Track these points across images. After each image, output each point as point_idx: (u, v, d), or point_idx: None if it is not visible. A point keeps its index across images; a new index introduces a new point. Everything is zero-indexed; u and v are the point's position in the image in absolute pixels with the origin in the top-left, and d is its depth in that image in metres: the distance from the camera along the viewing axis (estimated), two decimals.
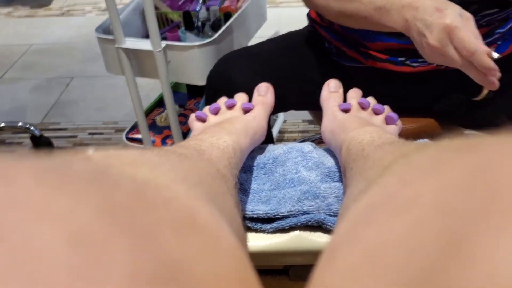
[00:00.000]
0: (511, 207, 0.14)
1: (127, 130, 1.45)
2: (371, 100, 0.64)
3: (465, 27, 0.60)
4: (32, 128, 1.65)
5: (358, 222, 0.23)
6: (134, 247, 0.16)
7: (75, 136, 1.81)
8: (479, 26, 0.63)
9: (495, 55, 0.59)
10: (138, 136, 1.37)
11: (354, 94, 0.65)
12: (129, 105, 1.30)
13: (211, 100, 0.91)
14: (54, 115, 1.93)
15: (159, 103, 1.54)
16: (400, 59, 0.83)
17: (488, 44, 0.69)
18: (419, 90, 0.88)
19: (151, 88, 1.86)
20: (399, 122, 0.62)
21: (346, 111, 0.62)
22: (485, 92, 0.67)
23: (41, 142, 1.66)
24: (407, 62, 0.84)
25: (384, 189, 0.24)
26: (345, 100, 0.66)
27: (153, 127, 1.43)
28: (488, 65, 0.58)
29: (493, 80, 0.61)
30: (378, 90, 0.66)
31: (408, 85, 0.87)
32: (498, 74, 0.60)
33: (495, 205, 0.14)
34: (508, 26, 0.79)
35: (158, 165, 0.28)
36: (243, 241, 0.41)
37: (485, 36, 0.68)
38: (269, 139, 1.00)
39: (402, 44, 0.80)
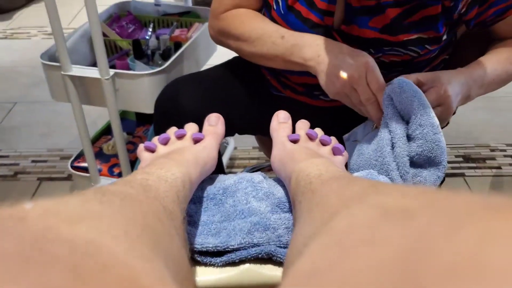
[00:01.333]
0: None
1: (72, 158, 1.41)
2: (318, 131, 0.66)
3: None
4: None
5: None
6: None
7: (17, 164, 1.73)
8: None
9: None
10: (84, 164, 1.33)
11: (302, 125, 0.67)
12: (75, 132, 1.27)
13: (159, 123, 0.91)
14: None
15: (107, 131, 1.50)
16: (315, 93, 0.88)
17: None
18: (331, 123, 0.91)
19: (99, 114, 1.81)
20: (345, 153, 0.64)
21: (294, 141, 0.63)
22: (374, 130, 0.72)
23: None
24: (321, 96, 0.89)
25: (326, 255, 0.26)
26: (293, 131, 0.67)
27: (100, 155, 1.40)
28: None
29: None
30: (297, 120, 0.69)
31: (322, 117, 0.90)
32: None
33: None
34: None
35: (100, 218, 0.28)
36: (189, 281, 0.41)
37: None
38: (219, 168, 1.00)
39: (316, 80, 0.83)
